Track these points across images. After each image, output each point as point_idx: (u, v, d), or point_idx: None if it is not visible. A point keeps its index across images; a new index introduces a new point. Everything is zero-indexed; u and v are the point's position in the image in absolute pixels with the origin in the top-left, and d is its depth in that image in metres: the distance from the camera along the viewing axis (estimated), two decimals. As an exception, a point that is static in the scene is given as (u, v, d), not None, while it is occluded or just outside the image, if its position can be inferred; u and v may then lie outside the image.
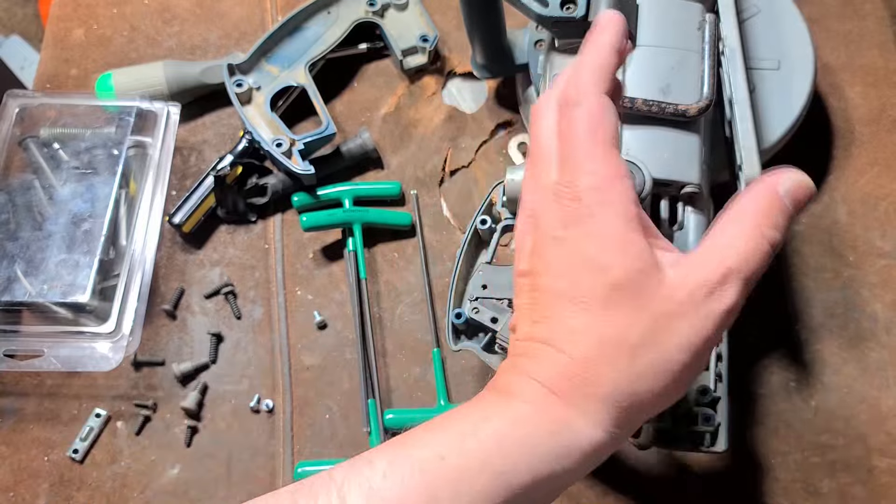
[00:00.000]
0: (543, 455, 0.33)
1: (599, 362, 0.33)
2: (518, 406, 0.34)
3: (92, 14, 0.77)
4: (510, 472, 0.32)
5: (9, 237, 0.61)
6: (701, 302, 0.33)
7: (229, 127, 0.71)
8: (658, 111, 0.49)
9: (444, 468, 0.32)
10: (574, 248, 0.34)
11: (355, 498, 0.31)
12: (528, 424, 0.33)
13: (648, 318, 0.33)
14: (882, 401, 0.59)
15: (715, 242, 0.35)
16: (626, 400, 0.33)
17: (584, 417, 0.33)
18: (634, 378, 0.33)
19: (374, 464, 0.32)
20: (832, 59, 0.71)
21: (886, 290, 0.62)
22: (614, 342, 0.33)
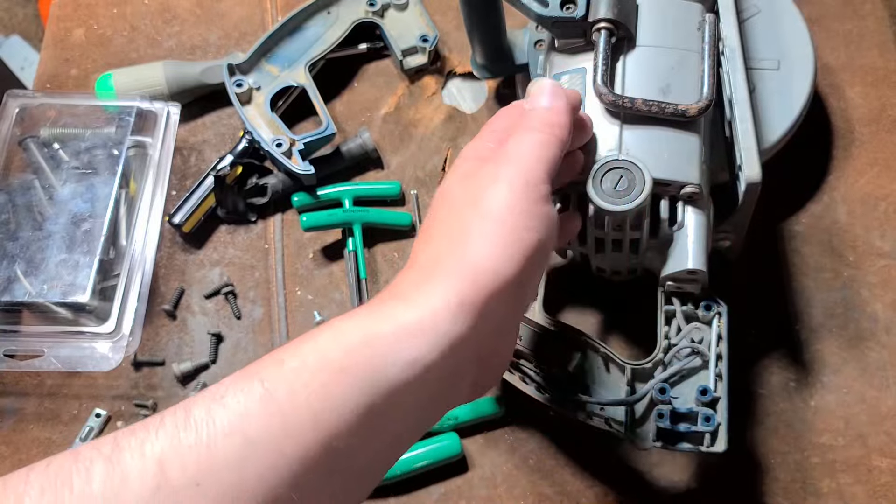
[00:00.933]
0: (397, 348, 0.33)
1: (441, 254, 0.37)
2: (375, 307, 0.35)
3: (92, 14, 0.77)
4: (370, 372, 0.32)
5: (9, 237, 0.61)
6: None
7: (229, 127, 0.71)
8: (658, 111, 0.49)
9: (289, 375, 0.32)
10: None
11: (199, 411, 0.31)
12: (383, 320, 0.34)
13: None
14: (882, 401, 0.59)
15: None
16: (469, 276, 0.35)
17: (429, 300, 0.34)
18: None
19: (224, 381, 0.32)
20: (832, 59, 0.71)
21: (886, 290, 0.62)
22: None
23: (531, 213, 0.37)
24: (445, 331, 0.34)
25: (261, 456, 0.30)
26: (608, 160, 0.48)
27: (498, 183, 0.38)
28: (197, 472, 0.29)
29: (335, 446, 0.31)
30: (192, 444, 0.29)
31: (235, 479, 0.29)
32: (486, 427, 0.59)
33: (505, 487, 0.57)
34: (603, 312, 0.62)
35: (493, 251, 0.36)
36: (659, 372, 0.52)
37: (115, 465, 0.29)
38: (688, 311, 0.53)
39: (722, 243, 0.57)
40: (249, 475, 0.30)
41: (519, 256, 0.36)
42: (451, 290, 0.35)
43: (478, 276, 0.35)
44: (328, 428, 0.31)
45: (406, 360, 0.33)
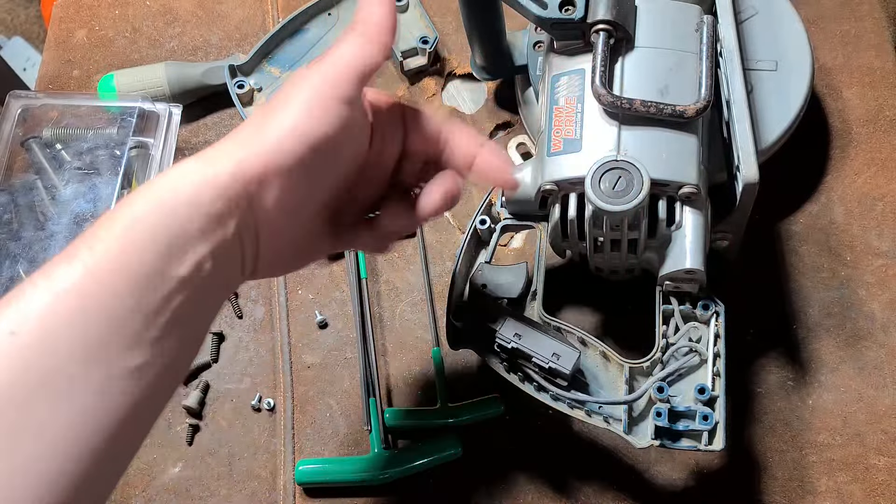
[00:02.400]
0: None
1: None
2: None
3: (94, 15, 0.78)
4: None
5: (11, 237, 0.61)
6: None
7: (231, 128, 0.71)
8: (656, 112, 0.49)
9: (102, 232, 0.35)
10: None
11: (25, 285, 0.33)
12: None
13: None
14: (879, 399, 0.59)
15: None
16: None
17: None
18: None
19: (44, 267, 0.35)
20: (829, 60, 0.72)
21: (883, 289, 0.63)
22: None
23: (323, 108, 0.39)
24: (224, 185, 0.37)
25: (71, 303, 0.33)
26: (606, 160, 0.49)
27: (304, 79, 0.40)
28: (8, 323, 0.32)
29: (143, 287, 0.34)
30: (3, 307, 0.33)
31: (51, 324, 0.32)
32: (485, 426, 0.59)
33: (504, 486, 0.57)
34: (601, 312, 0.63)
35: (277, 133, 0.38)
36: (657, 371, 0.52)
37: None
38: (686, 310, 0.53)
39: (720, 243, 0.57)
40: (63, 321, 0.33)
41: (300, 143, 0.38)
42: (236, 154, 0.38)
43: (259, 149, 0.38)
44: (134, 265, 0.34)
45: (200, 210, 0.36)
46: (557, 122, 0.52)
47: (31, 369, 0.32)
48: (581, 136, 0.51)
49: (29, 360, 0.32)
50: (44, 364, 0.32)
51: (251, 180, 0.37)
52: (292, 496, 0.58)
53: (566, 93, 0.52)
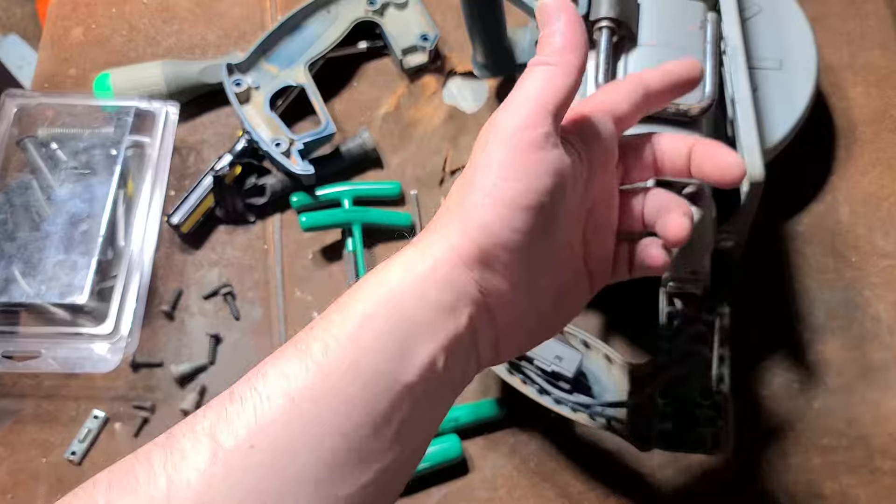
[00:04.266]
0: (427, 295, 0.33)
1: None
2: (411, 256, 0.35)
3: (90, 13, 0.77)
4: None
5: (6, 237, 0.61)
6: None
7: (228, 127, 0.71)
8: (660, 111, 0.48)
9: (326, 335, 0.32)
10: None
11: (240, 387, 0.31)
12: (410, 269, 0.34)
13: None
14: (885, 402, 0.58)
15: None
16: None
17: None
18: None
19: (267, 361, 0.32)
20: (834, 58, 0.71)
21: (889, 290, 0.62)
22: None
23: (521, 165, 0.34)
24: (447, 275, 0.33)
25: (306, 411, 0.30)
26: (610, 160, 0.48)
27: (494, 132, 0.35)
28: (248, 435, 0.29)
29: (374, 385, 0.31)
30: (239, 412, 0.30)
31: (286, 437, 0.30)
32: (486, 429, 0.58)
33: (506, 490, 0.57)
34: (605, 313, 0.62)
35: (479, 209, 0.34)
36: (661, 373, 0.51)
37: (171, 447, 0.30)
38: (690, 311, 0.53)
39: (724, 243, 0.57)
40: (298, 431, 0.30)
41: (507, 213, 0.34)
42: (448, 239, 0.34)
43: (469, 230, 0.34)
44: (366, 371, 0.31)
45: (429, 304, 0.33)
46: (560, 120, 0.51)
47: (262, 491, 0.29)
48: (584, 136, 0.50)
49: (261, 479, 0.29)
50: (275, 486, 0.29)
51: (471, 264, 0.34)
52: (291, 500, 0.57)
53: (569, 91, 0.52)
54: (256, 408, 0.30)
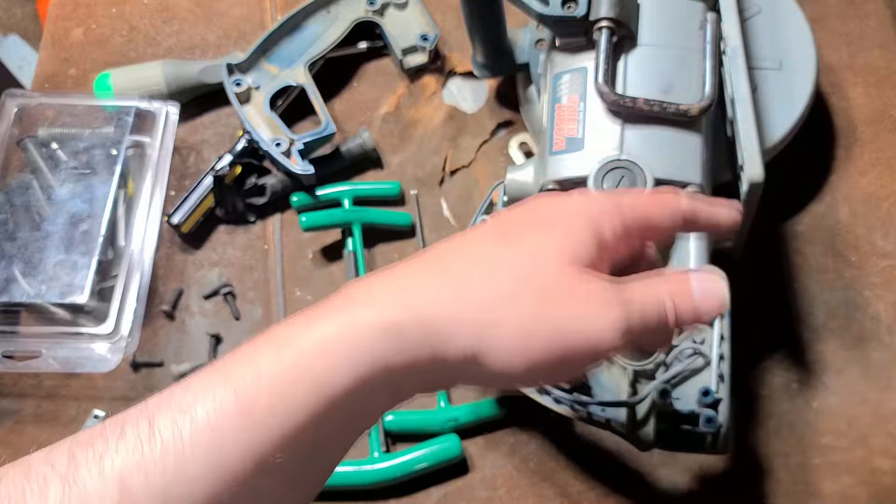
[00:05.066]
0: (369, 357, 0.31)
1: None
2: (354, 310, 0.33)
3: (91, 14, 0.77)
4: (328, 383, 0.31)
5: (7, 237, 0.61)
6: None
7: (228, 127, 0.71)
8: (660, 111, 0.48)
9: (261, 385, 0.30)
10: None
11: (164, 423, 0.29)
12: (357, 326, 0.32)
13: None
14: (884, 402, 0.58)
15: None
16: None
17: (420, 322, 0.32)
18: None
19: (190, 387, 0.30)
20: (834, 58, 0.71)
21: (889, 290, 0.62)
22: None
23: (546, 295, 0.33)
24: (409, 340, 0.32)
25: (227, 463, 0.29)
26: (609, 160, 0.48)
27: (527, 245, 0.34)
28: (164, 488, 0.28)
29: (293, 446, 0.31)
30: (157, 460, 0.28)
31: (203, 491, 0.29)
32: (486, 429, 0.58)
33: (505, 489, 0.57)
34: (604, 313, 0.62)
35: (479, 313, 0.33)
36: (660, 373, 0.52)
37: (73, 485, 0.27)
38: (689, 311, 0.53)
39: (724, 244, 0.57)
40: (217, 485, 0.29)
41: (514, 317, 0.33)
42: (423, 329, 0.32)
43: (455, 323, 0.32)
44: (287, 430, 0.30)
45: (346, 374, 0.31)
46: (560, 120, 0.51)
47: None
48: (584, 135, 0.50)
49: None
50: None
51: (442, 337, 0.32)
52: (291, 500, 0.57)
53: (568, 91, 0.52)
54: (178, 459, 0.28)
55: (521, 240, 0.35)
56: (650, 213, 0.37)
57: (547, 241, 0.35)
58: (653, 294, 0.35)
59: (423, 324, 0.32)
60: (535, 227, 0.35)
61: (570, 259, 0.34)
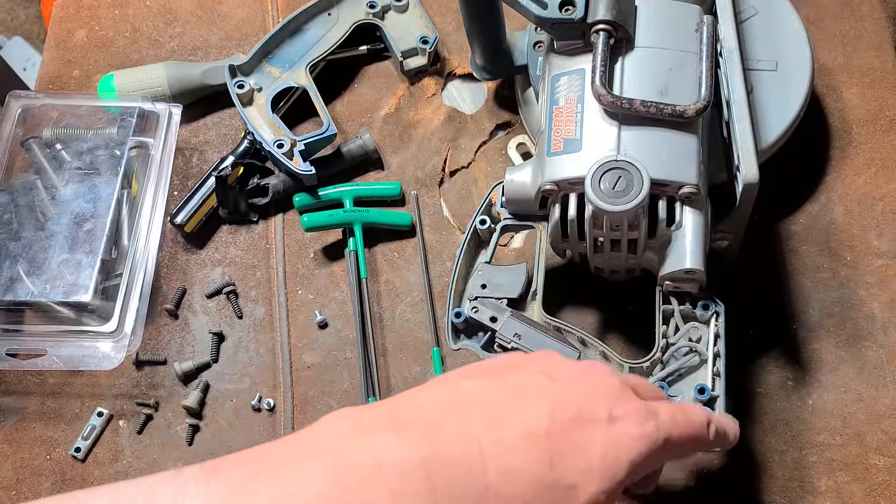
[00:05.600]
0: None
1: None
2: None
3: (94, 16, 0.78)
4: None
5: (11, 237, 0.61)
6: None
7: (231, 128, 0.72)
8: (656, 112, 0.49)
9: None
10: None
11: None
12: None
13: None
14: (879, 399, 0.59)
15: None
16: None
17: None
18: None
19: (187, 493, 0.31)
20: (829, 60, 0.72)
21: (883, 289, 0.63)
22: None
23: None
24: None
25: None
26: (606, 161, 0.49)
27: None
28: None
29: None
30: None
31: None
32: (485, 426, 0.59)
33: (504, 485, 0.57)
34: (601, 312, 0.63)
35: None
36: (657, 371, 0.52)
37: None
38: (686, 310, 0.53)
39: (720, 243, 0.57)
40: None
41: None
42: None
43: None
44: None
45: None
46: (557, 121, 0.52)
47: None
48: (581, 136, 0.51)
49: None
50: None
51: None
52: (292, 496, 0.58)
53: (566, 93, 0.52)
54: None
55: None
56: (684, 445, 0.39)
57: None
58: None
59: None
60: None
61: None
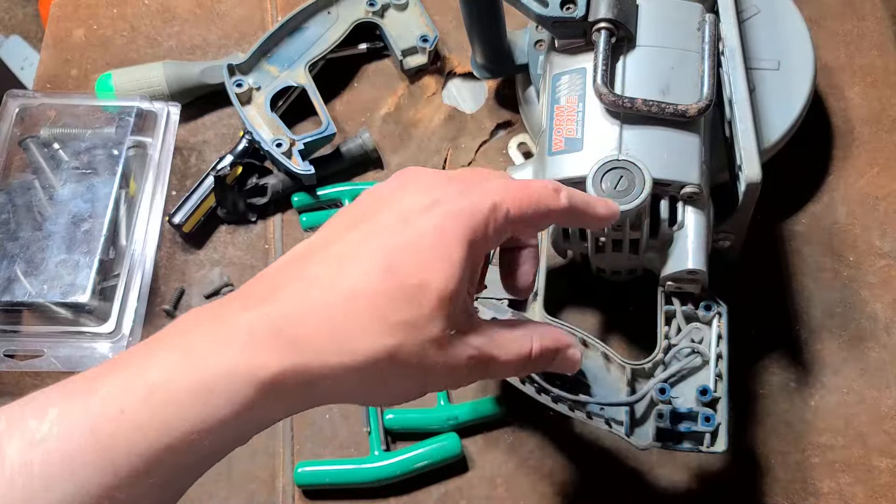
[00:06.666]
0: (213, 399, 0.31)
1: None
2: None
3: (92, 14, 0.77)
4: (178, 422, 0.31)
5: (9, 237, 0.61)
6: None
7: (229, 127, 0.71)
8: (658, 111, 0.49)
9: (120, 423, 0.30)
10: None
11: (14, 449, 0.30)
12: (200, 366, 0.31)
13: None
14: (882, 401, 0.59)
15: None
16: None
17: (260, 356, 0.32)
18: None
19: (46, 413, 0.30)
20: (832, 59, 0.71)
21: (886, 290, 0.62)
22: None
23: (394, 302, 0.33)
24: (228, 400, 0.31)
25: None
26: (608, 160, 0.48)
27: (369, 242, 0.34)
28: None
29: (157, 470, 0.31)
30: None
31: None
32: (485, 427, 0.59)
33: (505, 488, 0.57)
34: (603, 312, 0.62)
35: (317, 325, 0.32)
36: (659, 372, 0.52)
37: None
38: (688, 311, 0.53)
39: (722, 243, 0.57)
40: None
41: (347, 355, 0.32)
42: (250, 356, 0.31)
43: (285, 348, 0.32)
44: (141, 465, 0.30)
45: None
46: (559, 121, 0.52)
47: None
48: (582, 136, 0.50)
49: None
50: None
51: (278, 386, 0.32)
52: (291, 498, 0.57)
53: (567, 92, 0.52)
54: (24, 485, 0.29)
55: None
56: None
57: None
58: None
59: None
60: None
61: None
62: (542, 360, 0.39)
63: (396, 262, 0.33)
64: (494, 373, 0.38)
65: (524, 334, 0.38)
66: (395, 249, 0.34)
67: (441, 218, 0.35)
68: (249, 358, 0.31)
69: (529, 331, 0.39)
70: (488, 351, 0.36)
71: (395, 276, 0.33)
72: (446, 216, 0.35)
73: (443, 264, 0.34)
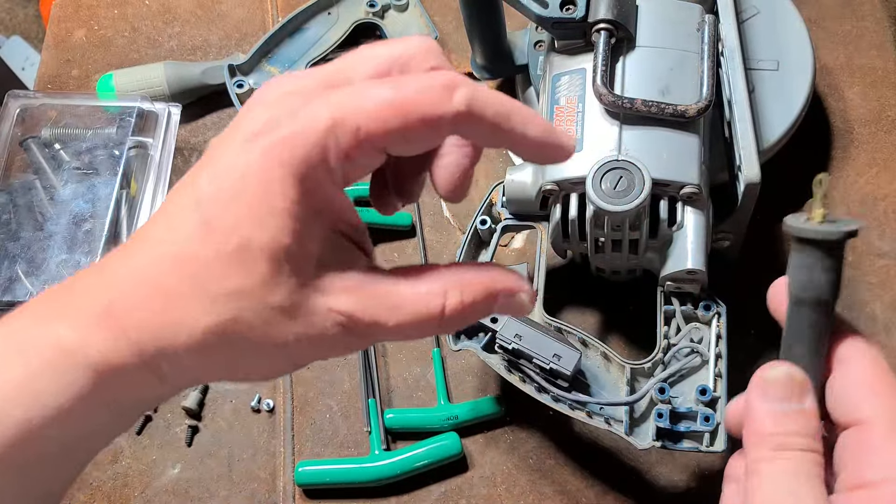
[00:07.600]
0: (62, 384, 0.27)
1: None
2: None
3: (93, 15, 0.77)
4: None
5: (10, 237, 0.61)
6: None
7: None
8: (657, 112, 0.49)
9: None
10: None
11: None
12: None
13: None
14: (881, 400, 0.59)
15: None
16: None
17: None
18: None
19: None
20: (831, 59, 0.71)
21: (885, 290, 0.62)
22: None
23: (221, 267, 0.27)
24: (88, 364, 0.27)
25: None
26: (608, 160, 0.48)
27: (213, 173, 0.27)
28: None
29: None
30: None
31: None
32: (485, 426, 0.59)
33: (505, 487, 0.57)
34: (603, 312, 0.62)
35: (143, 288, 0.27)
36: (658, 371, 0.52)
37: None
38: (687, 310, 0.53)
39: (721, 243, 0.57)
40: None
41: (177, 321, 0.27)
42: (90, 337, 0.27)
43: (119, 315, 0.27)
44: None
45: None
46: (558, 121, 0.52)
47: None
48: (582, 136, 0.51)
49: None
50: None
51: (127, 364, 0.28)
52: (292, 497, 0.57)
53: (567, 92, 0.52)
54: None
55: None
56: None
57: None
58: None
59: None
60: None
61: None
62: (466, 317, 0.30)
63: (212, 216, 0.27)
64: (386, 338, 0.30)
65: (432, 289, 0.29)
66: (209, 200, 0.27)
67: (259, 152, 0.27)
68: (79, 340, 0.27)
69: (443, 282, 0.30)
70: (367, 315, 0.28)
71: (212, 235, 0.27)
72: (267, 149, 0.27)
73: (265, 215, 0.26)
